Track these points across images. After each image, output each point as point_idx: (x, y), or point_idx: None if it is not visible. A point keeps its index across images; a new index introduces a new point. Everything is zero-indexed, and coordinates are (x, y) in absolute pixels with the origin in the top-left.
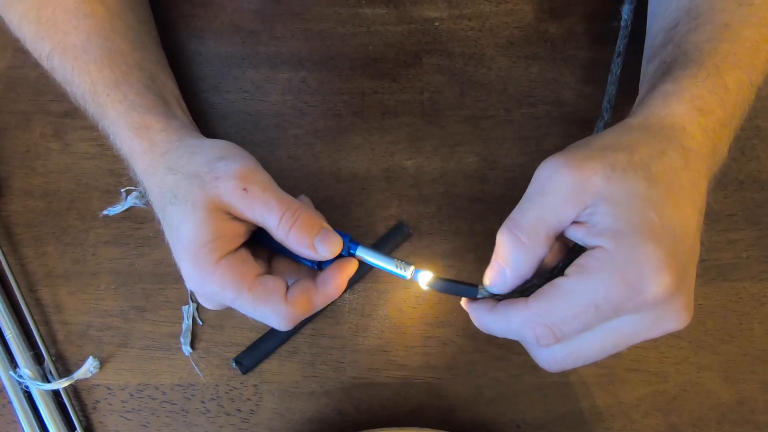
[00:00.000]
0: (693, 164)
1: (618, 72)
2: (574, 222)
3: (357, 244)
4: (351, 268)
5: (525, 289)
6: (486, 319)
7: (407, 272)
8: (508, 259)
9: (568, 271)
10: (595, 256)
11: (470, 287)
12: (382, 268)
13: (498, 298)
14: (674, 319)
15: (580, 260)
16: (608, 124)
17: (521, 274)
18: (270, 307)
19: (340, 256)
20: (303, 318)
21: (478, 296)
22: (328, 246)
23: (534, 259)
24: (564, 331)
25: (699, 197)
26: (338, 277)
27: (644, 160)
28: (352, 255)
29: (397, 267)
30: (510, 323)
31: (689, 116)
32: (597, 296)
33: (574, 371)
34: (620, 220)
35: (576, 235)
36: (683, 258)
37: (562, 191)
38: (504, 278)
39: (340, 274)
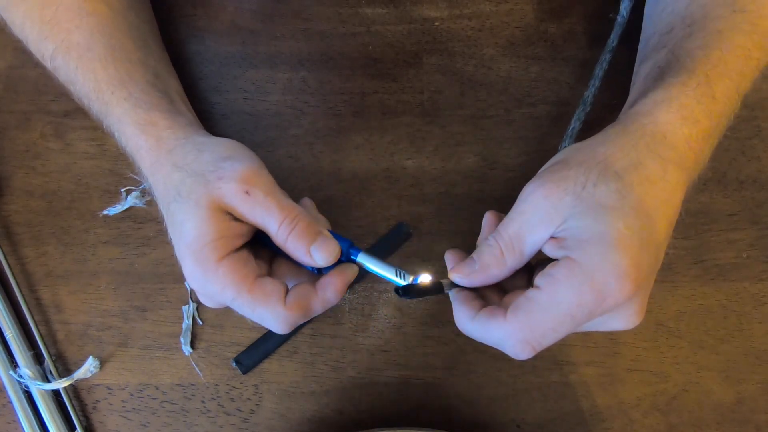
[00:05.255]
0: (671, 175)
1: (606, 66)
2: (551, 238)
3: (358, 250)
4: (351, 274)
5: None
6: (467, 325)
7: (407, 281)
8: (482, 261)
9: (538, 282)
10: (564, 265)
11: (438, 285)
12: (382, 275)
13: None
14: (624, 321)
15: (550, 270)
16: (588, 115)
17: (487, 276)
18: (268, 310)
19: (340, 262)
20: (301, 322)
21: (446, 291)
22: (324, 254)
23: (504, 268)
24: (543, 344)
25: (672, 209)
26: (338, 283)
27: (618, 172)
28: (353, 261)
29: (396, 275)
30: (490, 335)
31: (672, 125)
32: (571, 305)
33: (574, 371)
34: (587, 231)
35: (550, 250)
36: (646, 267)
37: (536, 213)
38: (471, 273)
39: (340, 280)
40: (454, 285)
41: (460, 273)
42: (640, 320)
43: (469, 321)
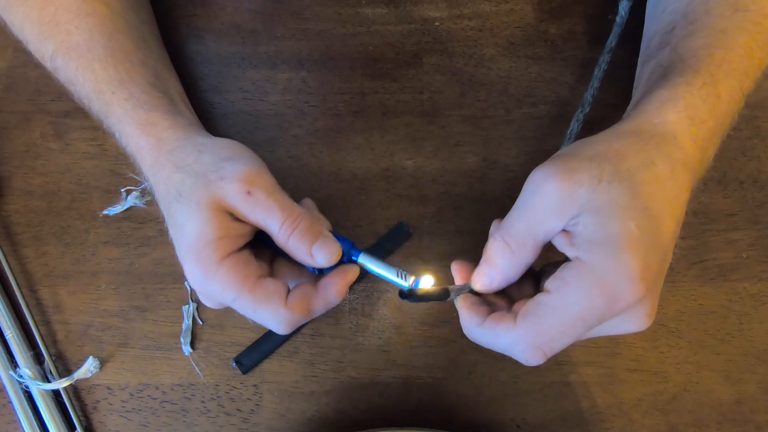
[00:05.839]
0: (679, 175)
1: (605, 67)
2: (562, 230)
3: (359, 251)
4: (352, 274)
5: None
6: (476, 332)
7: (408, 282)
8: (498, 265)
9: (549, 285)
10: (574, 268)
11: (444, 292)
12: (383, 276)
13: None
14: (635, 323)
15: (561, 273)
16: (587, 115)
17: (508, 279)
18: (269, 310)
19: (341, 263)
20: (302, 323)
21: (452, 297)
22: (326, 255)
23: (521, 266)
24: (554, 349)
25: (679, 209)
26: (339, 284)
27: (630, 170)
28: (354, 262)
29: (398, 276)
30: (499, 341)
31: (681, 126)
32: (582, 309)
33: (574, 371)
34: (600, 230)
35: (560, 243)
36: (656, 268)
37: (549, 203)
38: (491, 280)
39: (341, 280)
40: (459, 291)
41: (480, 282)
42: (651, 322)
43: (477, 327)
